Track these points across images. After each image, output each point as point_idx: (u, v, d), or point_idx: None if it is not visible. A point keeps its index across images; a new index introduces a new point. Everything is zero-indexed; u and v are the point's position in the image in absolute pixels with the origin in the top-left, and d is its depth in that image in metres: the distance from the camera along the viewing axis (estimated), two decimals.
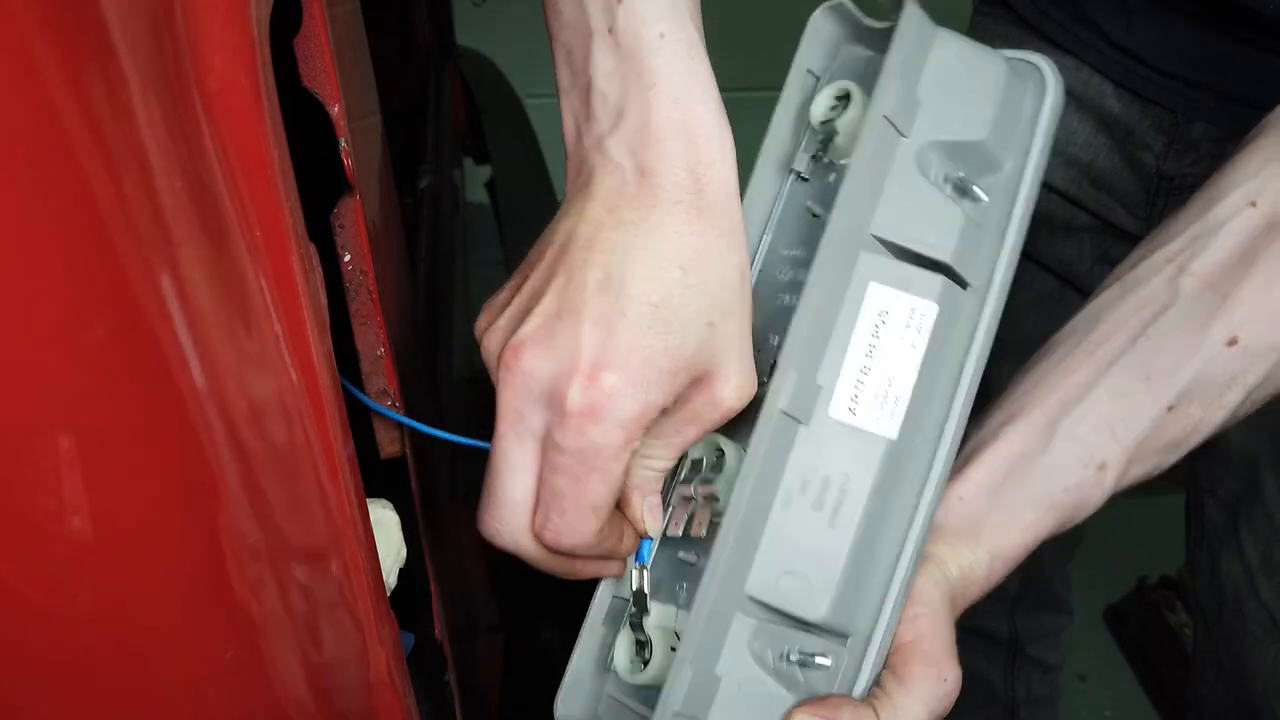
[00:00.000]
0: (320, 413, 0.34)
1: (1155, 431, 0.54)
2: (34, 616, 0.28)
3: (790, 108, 0.56)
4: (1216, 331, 0.54)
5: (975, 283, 0.51)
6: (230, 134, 0.30)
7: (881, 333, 0.49)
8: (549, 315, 0.44)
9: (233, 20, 0.30)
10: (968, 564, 0.53)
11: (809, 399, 0.48)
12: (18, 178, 0.23)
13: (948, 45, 0.52)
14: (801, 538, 0.48)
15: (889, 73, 0.49)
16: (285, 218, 0.32)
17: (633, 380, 0.44)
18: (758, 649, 0.49)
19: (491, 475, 0.47)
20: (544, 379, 0.44)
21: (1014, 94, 0.52)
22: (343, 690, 0.39)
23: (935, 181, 0.51)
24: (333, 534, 0.37)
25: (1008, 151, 0.52)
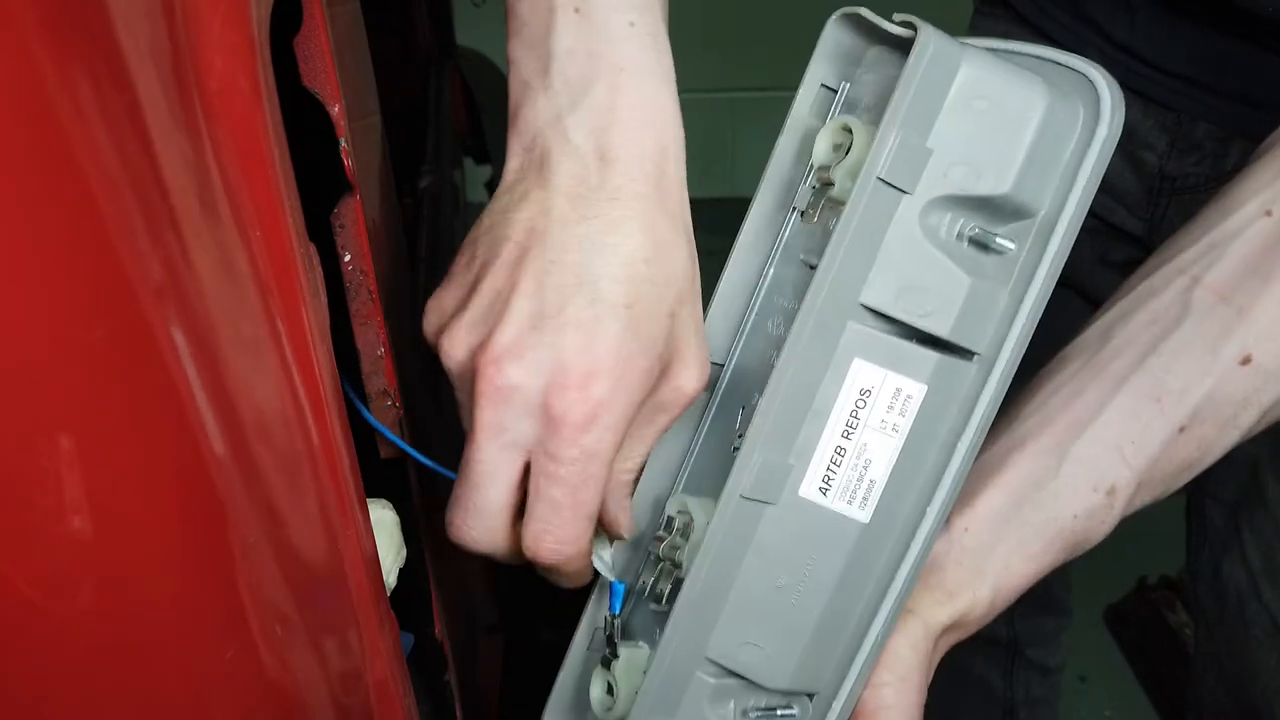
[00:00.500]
0: (320, 413, 0.34)
1: (1166, 453, 0.53)
2: (34, 616, 0.28)
3: (796, 132, 0.51)
4: (1230, 349, 0.52)
5: (983, 351, 0.46)
6: (230, 134, 0.30)
7: (861, 414, 0.46)
8: (523, 323, 0.43)
9: (233, 20, 0.30)
10: (964, 606, 0.52)
11: (778, 479, 0.46)
12: (18, 178, 0.23)
13: (974, 74, 0.44)
14: (763, 612, 0.47)
15: (888, 124, 0.43)
16: (285, 218, 0.32)
17: (618, 384, 0.44)
18: (718, 707, 0.48)
19: (469, 486, 0.46)
20: (531, 392, 0.43)
21: (1055, 125, 0.45)
22: (343, 690, 0.39)
23: (944, 240, 0.45)
24: (333, 534, 0.37)
25: (1042, 194, 0.46)
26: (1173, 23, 0.79)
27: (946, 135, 0.44)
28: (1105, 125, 0.46)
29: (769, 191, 0.52)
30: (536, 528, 0.46)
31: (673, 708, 0.48)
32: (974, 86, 0.44)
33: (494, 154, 1.51)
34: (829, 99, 0.50)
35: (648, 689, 0.47)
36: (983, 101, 0.44)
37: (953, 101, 0.44)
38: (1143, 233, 0.86)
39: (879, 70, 0.48)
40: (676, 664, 0.47)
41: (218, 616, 0.32)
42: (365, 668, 0.40)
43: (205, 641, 0.32)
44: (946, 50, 0.44)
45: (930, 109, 0.44)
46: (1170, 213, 0.84)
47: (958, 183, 0.44)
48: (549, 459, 0.44)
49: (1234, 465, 0.96)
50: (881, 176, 0.44)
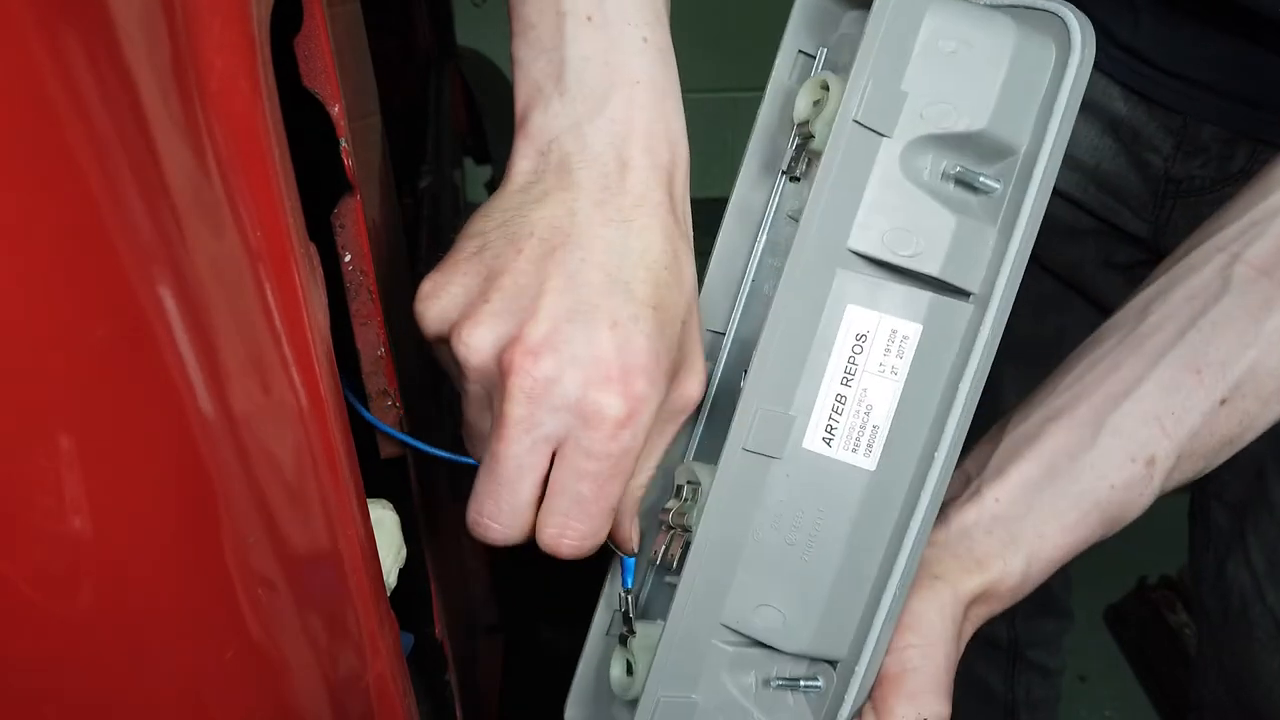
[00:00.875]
0: (320, 413, 0.34)
1: (1207, 426, 0.52)
2: (34, 616, 0.28)
3: (777, 98, 0.52)
4: (1273, 322, 0.52)
5: (976, 289, 0.46)
6: (231, 134, 0.30)
7: (859, 359, 0.46)
8: (558, 317, 0.43)
9: (233, 20, 0.30)
10: (995, 575, 0.51)
11: (779, 432, 0.46)
12: (18, 178, 0.23)
13: (940, 18, 0.45)
14: (777, 571, 0.47)
15: (860, 69, 0.44)
16: (286, 218, 0.32)
17: (653, 383, 0.44)
18: (738, 676, 0.48)
19: (495, 479, 0.46)
20: (569, 386, 0.43)
21: (1026, 63, 0.46)
22: (343, 690, 0.39)
23: (927, 181, 0.46)
24: (333, 534, 0.37)
25: (1021, 131, 0.46)
26: (1177, 24, 0.79)
27: (920, 78, 0.45)
28: (1077, 54, 0.45)
29: (754, 159, 0.52)
30: (559, 522, 0.45)
31: (692, 679, 0.47)
32: (941, 29, 0.45)
33: (494, 154, 1.51)
34: (808, 65, 0.51)
35: (663, 657, 0.47)
36: (951, 43, 0.45)
37: (922, 46, 0.45)
38: (1148, 235, 0.85)
39: (854, 29, 0.48)
40: (692, 631, 0.47)
41: (217, 616, 0.32)
42: (365, 668, 0.40)
43: (205, 641, 0.32)
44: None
45: (900, 53, 0.45)
46: (1175, 215, 0.83)
47: (935, 121, 0.45)
48: (583, 455, 0.44)
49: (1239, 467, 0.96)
50: (857, 119, 0.44)
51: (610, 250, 0.44)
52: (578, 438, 0.44)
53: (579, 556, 0.47)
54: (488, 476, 0.46)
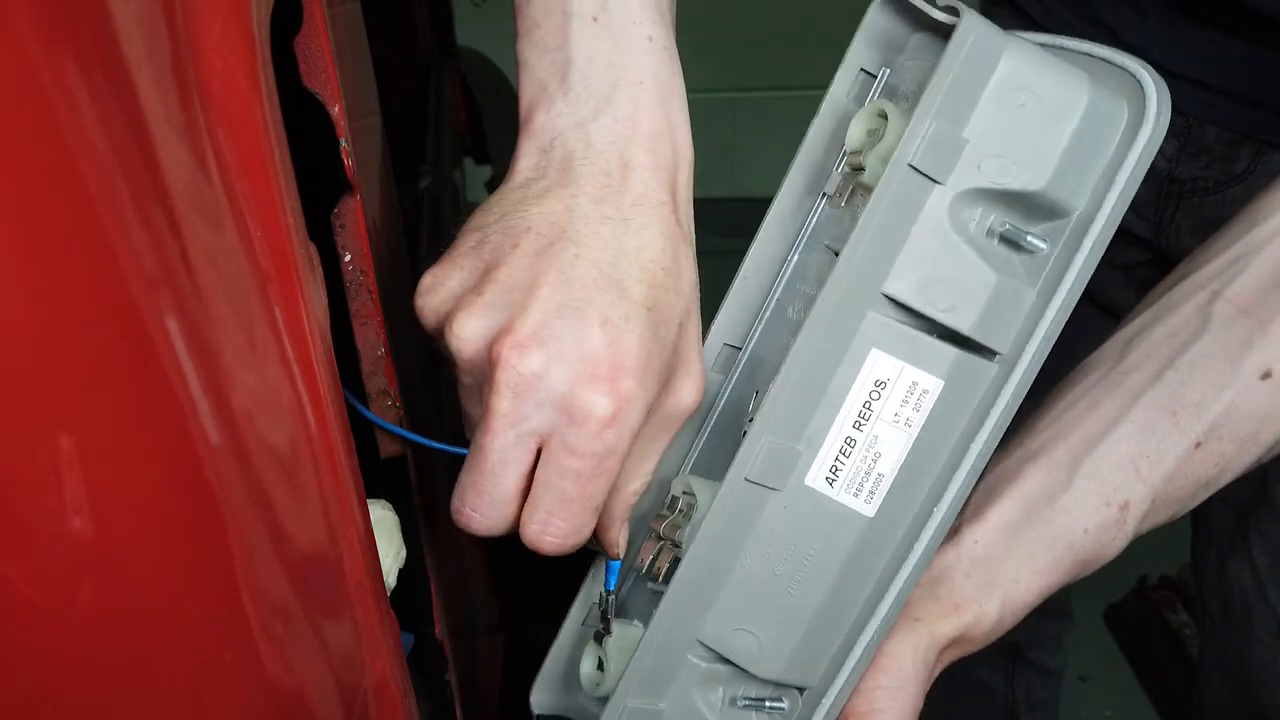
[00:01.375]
0: (320, 413, 0.34)
1: (1182, 470, 0.51)
2: (34, 616, 0.28)
3: (831, 116, 0.50)
4: (1250, 363, 0.51)
5: (1005, 351, 0.45)
6: (231, 134, 0.30)
7: (875, 406, 0.45)
8: (549, 312, 0.43)
9: (233, 21, 0.30)
10: (970, 619, 0.51)
11: (784, 465, 0.45)
12: (18, 179, 0.23)
13: (1017, 65, 0.43)
14: (760, 598, 0.47)
15: (925, 109, 0.42)
16: (286, 218, 0.32)
17: (642, 384, 0.43)
18: (706, 693, 0.48)
19: (480, 472, 0.45)
20: (555, 382, 0.43)
21: (1096, 122, 0.44)
22: (343, 690, 0.39)
23: (973, 234, 0.44)
24: (333, 534, 0.37)
25: (1079, 193, 0.44)
26: (1183, 26, 0.79)
27: (984, 126, 0.43)
28: (1150, 125, 0.44)
29: (799, 174, 0.51)
30: (543, 518, 0.45)
31: (661, 689, 0.48)
32: (1015, 77, 0.43)
33: (494, 154, 1.51)
34: (868, 84, 0.49)
35: (637, 665, 0.47)
36: (1024, 94, 0.43)
37: (992, 91, 0.43)
38: (1150, 235, 0.85)
39: (920, 57, 0.47)
40: (668, 643, 0.47)
41: (217, 616, 0.32)
42: (365, 668, 0.40)
43: (205, 642, 0.32)
44: (989, 38, 0.43)
45: (968, 98, 0.43)
46: (1178, 216, 0.83)
47: (992, 176, 0.43)
48: (567, 452, 0.44)
49: None
50: (913, 164, 0.42)
51: (606, 247, 0.44)
52: (563, 434, 0.44)
53: (562, 553, 0.46)
54: (472, 468, 0.46)
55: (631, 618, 0.51)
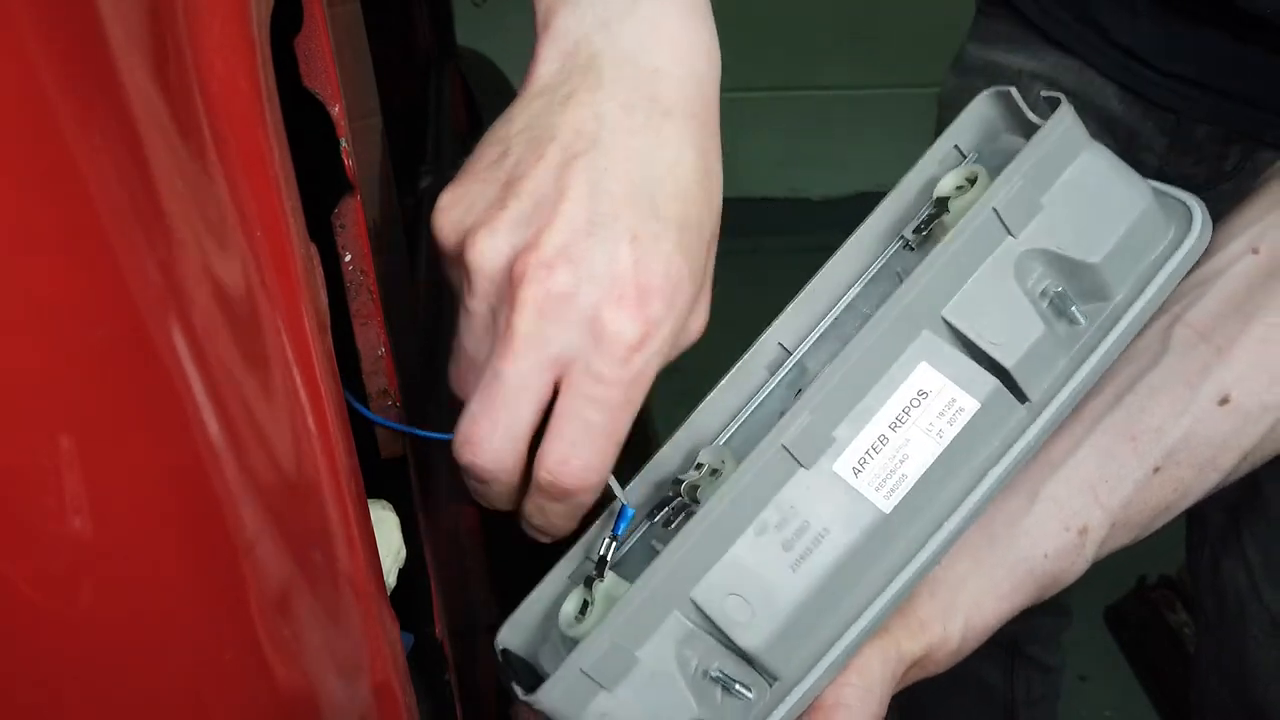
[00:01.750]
0: (320, 413, 0.34)
1: (1141, 495, 0.52)
2: (33, 616, 0.28)
3: (921, 176, 0.55)
4: (1208, 389, 0.51)
5: (1034, 398, 0.49)
6: (231, 134, 0.30)
7: (913, 412, 0.48)
8: (578, 227, 0.40)
9: (233, 21, 0.30)
10: (934, 640, 0.51)
11: (818, 446, 0.48)
12: (17, 179, 0.23)
13: (1093, 160, 0.50)
14: (762, 569, 0.48)
15: (1015, 168, 0.48)
16: (286, 218, 0.32)
17: (670, 307, 0.41)
18: (684, 652, 0.48)
19: (495, 399, 0.42)
20: (583, 302, 0.40)
21: (1149, 227, 0.50)
22: (343, 690, 0.39)
23: (1029, 290, 0.49)
24: (333, 534, 0.37)
25: (1122, 282, 0.50)
26: (1175, 25, 0.79)
27: (1058, 200, 0.49)
28: (1192, 239, 0.50)
29: (881, 217, 0.56)
30: (563, 450, 0.43)
31: (643, 638, 0.48)
32: (1091, 168, 0.50)
33: None
34: (956, 160, 0.55)
35: (626, 607, 0.47)
36: (1095, 182, 0.50)
37: (1070, 175, 0.49)
38: None
39: (1008, 152, 0.52)
40: (661, 592, 0.47)
41: (217, 617, 0.32)
42: (365, 668, 0.40)
43: (205, 641, 0.32)
44: (1077, 130, 0.50)
45: (1052, 171, 0.49)
46: None
47: (1057, 241, 0.49)
48: (592, 379, 0.41)
49: None
50: (996, 208, 0.48)
51: (637, 160, 0.41)
52: (588, 360, 0.41)
53: (580, 491, 0.44)
54: (485, 397, 0.43)
55: (623, 574, 0.51)
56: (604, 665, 0.47)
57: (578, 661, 0.47)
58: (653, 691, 0.48)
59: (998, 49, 0.93)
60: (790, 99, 2.44)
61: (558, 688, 0.47)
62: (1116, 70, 0.84)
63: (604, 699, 0.48)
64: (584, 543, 0.55)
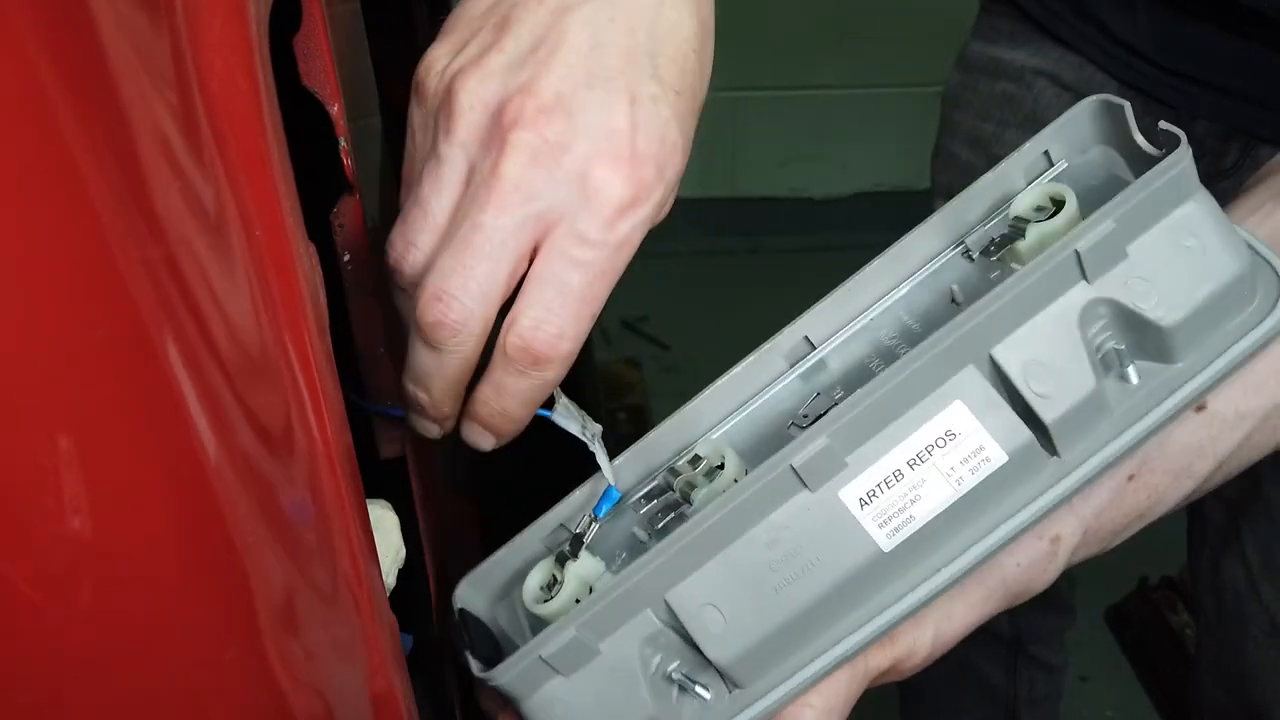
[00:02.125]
0: (320, 413, 0.34)
1: (1114, 503, 0.50)
2: (33, 616, 0.28)
3: (1001, 180, 0.51)
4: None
5: (1066, 457, 0.46)
6: (230, 134, 0.30)
7: (936, 452, 0.45)
8: (575, 78, 0.38)
9: (232, 20, 0.30)
10: (903, 651, 0.50)
11: (827, 471, 0.45)
12: (16, 178, 0.23)
13: (1196, 213, 0.45)
14: (744, 584, 0.46)
15: (1109, 211, 0.44)
16: (285, 217, 0.32)
17: (661, 174, 0.40)
18: (647, 651, 0.48)
19: (473, 252, 0.40)
20: (576, 156, 0.39)
21: (1236, 295, 0.46)
22: (343, 691, 0.39)
23: (1090, 339, 0.46)
24: (332, 534, 0.37)
25: (1190, 350, 0.46)
26: (1175, 21, 0.80)
27: (1146, 250, 0.45)
28: (1273, 319, 0.46)
29: (942, 220, 0.51)
30: (537, 313, 0.40)
31: (606, 631, 0.47)
32: (1192, 222, 0.45)
33: None
34: (1041, 167, 0.51)
35: (597, 600, 0.46)
36: (1192, 239, 0.45)
37: (1168, 224, 0.45)
38: None
39: (1102, 166, 0.49)
40: (635, 591, 0.46)
41: (216, 617, 0.32)
42: (365, 669, 0.40)
43: (204, 642, 0.32)
44: (1189, 177, 0.45)
45: (1148, 218, 0.45)
46: None
47: (1133, 295, 0.45)
48: (576, 239, 0.40)
49: None
50: (1079, 250, 0.44)
51: (640, 16, 0.40)
52: (573, 220, 0.39)
53: (551, 360, 0.42)
54: (463, 249, 0.40)
55: (596, 553, 0.51)
56: (565, 654, 0.46)
57: (538, 648, 0.46)
58: (609, 684, 0.47)
59: (1000, 45, 0.94)
60: (790, 99, 2.44)
61: (514, 669, 0.46)
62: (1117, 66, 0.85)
63: (558, 684, 0.47)
64: (558, 513, 0.53)
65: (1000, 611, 0.52)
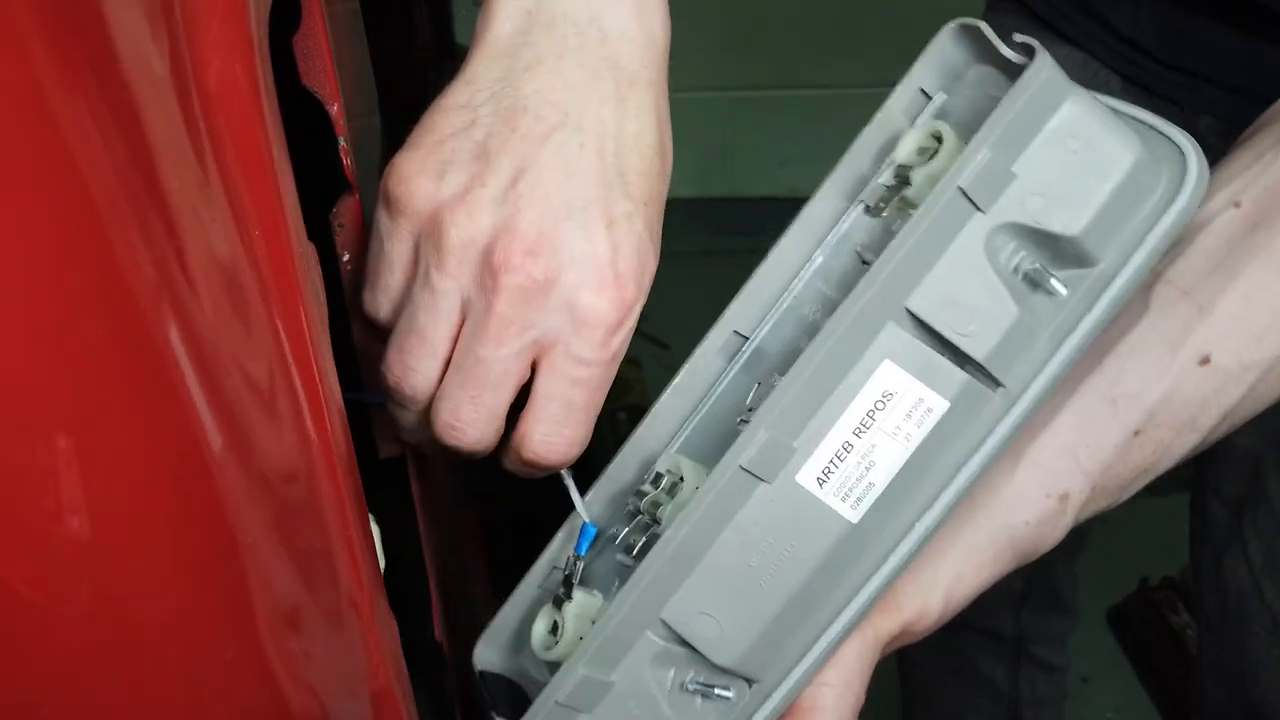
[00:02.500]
0: (319, 413, 0.34)
1: (1121, 458, 0.51)
2: (33, 616, 0.28)
3: (886, 127, 0.50)
4: (1189, 349, 0.50)
5: (1009, 385, 0.46)
6: (229, 133, 0.30)
7: (878, 415, 0.45)
8: (556, 214, 0.41)
9: (231, 19, 0.30)
10: (912, 616, 0.51)
11: (778, 460, 0.45)
12: (16, 178, 0.23)
13: (1076, 113, 0.44)
14: (729, 587, 0.47)
15: (983, 139, 0.43)
16: (285, 217, 0.32)
17: (640, 286, 0.43)
18: (658, 671, 0.48)
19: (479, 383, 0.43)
20: (565, 288, 0.41)
21: (1138, 183, 0.45)
22: (343, 691, 0.39)
23: (1000, 268, 0.45)
24: (332, 535, 0.37)
25: (1107, 248, 0.45)
26: (1177, 16, 0.80)
27: (1033, 165, 0.44)
28: (1185, 196, 0.45)
29: (838, 179, 0.51)
30: (546, 430, 0.44)
31: (615, 662, 0.48)
32: (1072, 124, 0.44)
33: None
34: (920, 103, 0.50)
35: (596, 636, 0.47)
36: (1076, 141, 0.44)
37: (1048, 134, 0.44)
38: None
39: (979, 88, 0.48)
40: (630, 618, 0.47)
41: (216, 619, 0.32)
42: (365, 669, 0.40)
43: (204, 643, 0.32)
44: (1056, 82, 0.44)
45: (1025, 134, 0.44)
46: None
47: (1031, 213, 0.44)
48: (573, 362, 0.43)
49: (1236, 462, 0.96)
50: (962, 187, 0.43)
51: (607, 134, 0.42)
52: (568, 343, 0.43)
53: (564, 463, 0.46)
54: (469, 380, 0.44)
55: (592, 587, 0.51)
56: (580, 693, 0.47)
57: (552, 694, 0.47)
58: (631, 711, 0.48)
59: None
60: (790, 99, 2.44)
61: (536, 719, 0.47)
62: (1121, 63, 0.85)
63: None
64: (549, 555, 0.54)
65: (1010, 571, 0.52)
